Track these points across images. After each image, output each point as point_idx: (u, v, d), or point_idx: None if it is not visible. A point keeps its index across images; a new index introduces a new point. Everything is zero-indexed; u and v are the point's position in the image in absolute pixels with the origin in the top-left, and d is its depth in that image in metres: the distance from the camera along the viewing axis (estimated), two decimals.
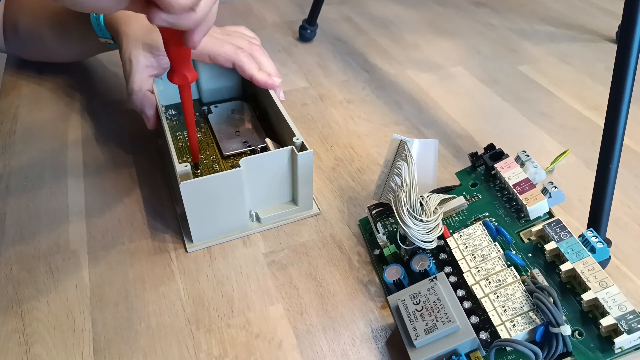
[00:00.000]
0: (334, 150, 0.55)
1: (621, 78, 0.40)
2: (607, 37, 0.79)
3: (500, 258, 0.35)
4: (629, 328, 0.29)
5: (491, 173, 0.42)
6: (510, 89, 0.66)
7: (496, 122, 0.60)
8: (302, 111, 0.61)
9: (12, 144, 0.55)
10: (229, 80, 0.55)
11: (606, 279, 0.31)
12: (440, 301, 0.33)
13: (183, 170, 0.39)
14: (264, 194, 0.44)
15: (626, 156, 0.53)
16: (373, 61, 0.72)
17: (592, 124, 0.59)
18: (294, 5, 0.90)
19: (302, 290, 0.40)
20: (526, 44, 0.77)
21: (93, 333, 0.37)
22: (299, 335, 0.37)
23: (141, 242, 0.44)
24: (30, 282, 0.40)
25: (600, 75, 0.69)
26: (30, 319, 0.38)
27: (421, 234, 0.36)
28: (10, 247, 0.43)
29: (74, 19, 0.55)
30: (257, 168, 0.42)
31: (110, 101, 0.62)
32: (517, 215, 0.38)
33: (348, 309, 0.39)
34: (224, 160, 0.48)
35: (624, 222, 0.46)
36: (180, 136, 0.51)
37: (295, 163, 0.42)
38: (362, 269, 0.42)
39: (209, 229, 0.43)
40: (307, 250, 0.43)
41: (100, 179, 0.50)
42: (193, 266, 0.42)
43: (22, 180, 0.50)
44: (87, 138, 0.56)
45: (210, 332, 0.37)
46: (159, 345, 0.36)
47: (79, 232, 0.45)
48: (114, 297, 0.39)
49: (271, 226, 0.45)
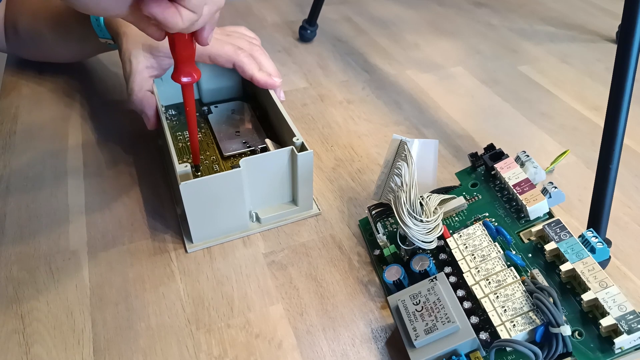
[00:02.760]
0: (334, 151, 0.55)
1: (621, 78, 0.40)
2: (607, 37, 0.79)
3: (500, 258, 0.35)
4: (629, 328, 0.29)
5: (491, 173, 0.42)
6: (510, 89, 0.66)
7: (496, 122, 0.60)
8: (302, 111, 0.61)
9: (12, 144, 0.55)
10: (229, 80, 0.55)
11: (606, 279, 0.31)
12: (440, 301, 0.33)
13: (183, 170, 0.39)
14: (264, 194, 0.44)
15: (626, 156, 0.53)
16: (373, 61, 0.72)
17: (592, 124, 0.59)
18: (294, 5, 0.90)
19: (302, 291, 0.40)
20: (526, 44, 0.77)
21: (93, 333, 0.37)
22: (299, 336, 0.37)
23: (141, 242, 0.44)
24: (30, 282, 0.40)
25: (600, 75, 0.69)
26: (30, 319, 0.38)
27: (421, 234, 0.36)
28: (10, 247, 0.43)
29: (74, 19, 0.55)
30: (257, 168, 0.42)
31: (110, 101, 0.62)
32: (517, 215, 0.38)
33: (348, 309, 0.39)
34: (224, 161, 0.48)
35: (624, 222, 0.46)
36: (180, 136, 0.51)
37: (296, 163, 0.42)
38: (362, 269, 0.42)
39: (209, 229, 0.43)
40: (307, 250, 0.43)
41: (100, 179, 0.50)
42: (193, 266, 0.42)
43: (22, 180, 0.50)
44: (87, 138, 0.56)
45: (210, 332, 0.37)
46: (159, 345, 0.36)
47: (79, 232, 0.45)
48: (114, 297, 0.39)
49: (271, 226, 0.45)
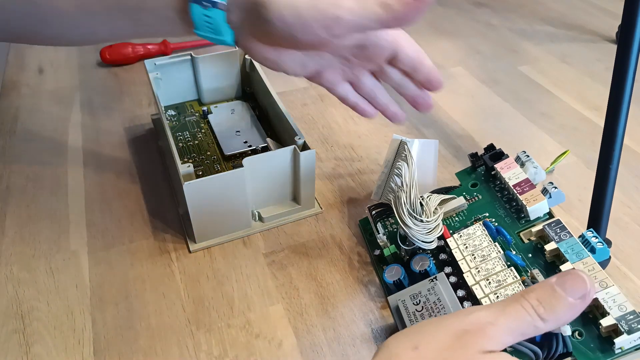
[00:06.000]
0: (334, 151, 0.55)
1: (621, 78, 0.40)
2: (607, 37, 0.79)
3: (501, 258, 0.35)
4: (629, 328, 0.29)
5: (491, 173, 0.42)
6: (510, 89, 0.66)
7: (496, 122, 0.60)
8: (302, 111, 0.61)
9: (12, 144, 0.55)
10: (229, 80, 0.55)
11: (606, 279, 0.31)
12: (440, 301, 0.33)
13: (186, 170, 0.39)
14: (266, 193, 0.44)
15: (626, 156, 0.53)
16: None
17: (592, 124, 0.59)
18: None
19: (302, 291, 0.40)
20: (526, 44, 0.77)
21: (93, 333, 0.37)
22: (299, 335, 0.37)
23: (141, 242, 0.44)
24: (30, 282, 0.40)
25: (600, 75, 0.69)
26: (31, 319, 0.38)
27: (421, 234, 0.36)
28: (10, 247, 0.43)
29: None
30: (260, 168, 0.42)
31: (110, 101, 0.62)
32: (517, 215, 0.38)
33: (348, 309, 0.39)
34: (225, 161, 0.48)
35: (624, 222, 0.46)
36: (180, 136, 0.51)
37: (298, 162, 0.42)
38: (362, 269, 0.42)
39: (212, 228, 0.43)
40: (307, 250, 0.43)
41: (100, 179, 0.50)
42: (193, 266, 0.42)
43: (22, 180, 0.50)
44: (87, 138, 0.56)
45: (211, 332, 0.37)
46: (159, 345, 0.36)
47: (79, 232, 0.45)
48: (114, 297, 0.39)
49: (273, 225, 0.45)
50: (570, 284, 0.25)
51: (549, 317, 0.25)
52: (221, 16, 0.35)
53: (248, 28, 0.35)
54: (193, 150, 0.49)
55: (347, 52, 0.38)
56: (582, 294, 0.25)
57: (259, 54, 0.36)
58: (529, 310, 0.25)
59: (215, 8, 0.34)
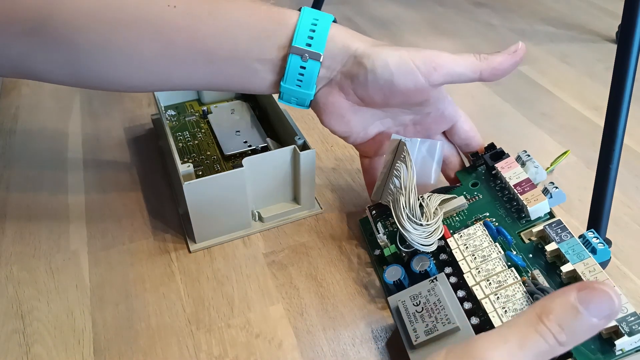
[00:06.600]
0: (334, 151, 0.55)
1: (621, 78, 0.40)
2: (607, 37, 0.79)
3: (501, 259, 0.35)
4: (630, 330, 0.29)
5: (492, 173, 0.41)
6: (511, 89, 0.66)
7: (496, 122, 0.60)
8: (302, 111, 0.61)
9: (12, 144, 0.55)
10: None
11: (607, 280, 0.31)
12: (440, 302, 0.33)
13: (186, 170, 0.39)
14: (266, 193, 0.44)
15: (626, 156, 0.53)
16: None
17: (592, 124, 0.59)
18: (294, 6, 0.90)
19: (302, 291, 0.40)
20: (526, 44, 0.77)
21: (93, 333, 0.37)
22: (299, 335, 0.37)
23: (141, 242, 0.44)
24: (30, 282, 0.40)
25: (600, 75, 0.68)
26: (31, 319, 0.38)
27: (421, 237, 0.36)
28: (10, 247, 0.43)
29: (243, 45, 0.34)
30: (260, 167, 0.42)
31: (110, 101, 0.62)
32: (518, 215, 0.38)
33: (348, 309, 0.39)
34: (225, 161, 0.48)
35: (624, 222, 0.46)
36: (180, 137, 0.51)
37: (298, 162, 0.42)
38: (362, 269, 0.42)
39: (212, 228, 0.43)
40: (307, 250, 0.43)
41: (100, 179, 0.50)
42: (193, 266, 0.42)
43: (22, 180, 0.50)
44: (87, 138, 0.56)
45: (211, 332, 0.37)
46: (159, 345, 0.36)
47: (79, 232, 0.45)
48: (114, 297, 0.39)
49: (273, 225, 0.45)
50: (596, 302, 0.22)
51: (569, 342, 0.22)
52: (317, 68, 0.34)
53: (340, 80, 0.36)
54: (193, 150, 0.49)
55: (409, 119, 0.40)
56: (608, 313, 0.22)
57: (332, 110, 0.37)
58: (550, 341, 0.22)
59: (315, 60, 0.34)
